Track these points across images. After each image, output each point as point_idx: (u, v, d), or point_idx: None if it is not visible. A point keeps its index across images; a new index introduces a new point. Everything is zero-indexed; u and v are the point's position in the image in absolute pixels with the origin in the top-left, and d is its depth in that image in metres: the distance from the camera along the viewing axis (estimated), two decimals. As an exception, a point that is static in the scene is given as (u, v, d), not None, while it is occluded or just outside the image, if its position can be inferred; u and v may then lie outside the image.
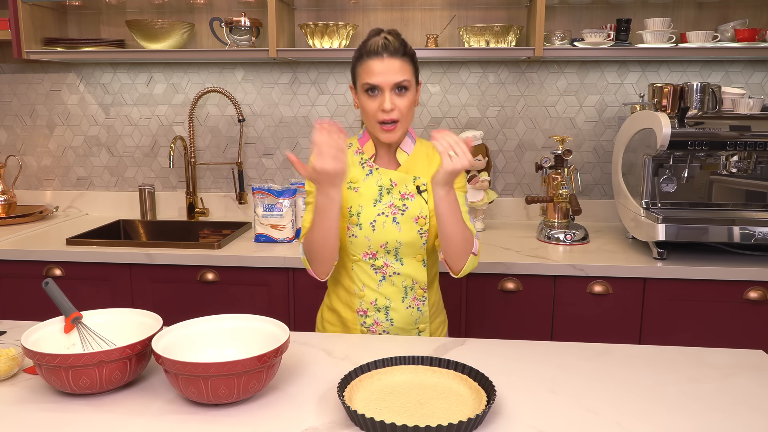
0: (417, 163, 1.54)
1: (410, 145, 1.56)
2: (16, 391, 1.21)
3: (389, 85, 1.43)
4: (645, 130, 2.14)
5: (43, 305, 2.26)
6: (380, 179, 1.52)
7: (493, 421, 1.09)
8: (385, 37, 1.43)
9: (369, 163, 1.54)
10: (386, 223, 1.49)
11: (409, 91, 1.45)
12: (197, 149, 2.78)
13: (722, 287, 2.01)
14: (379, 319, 1.55)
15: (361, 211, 1.50)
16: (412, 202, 1.50)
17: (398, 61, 1.42)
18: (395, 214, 1.50)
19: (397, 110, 1.44)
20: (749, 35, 2.26)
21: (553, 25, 2.54)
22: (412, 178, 1.52)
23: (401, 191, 1.51)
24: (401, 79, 1.42)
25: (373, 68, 1.42)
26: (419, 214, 1.50)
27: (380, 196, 1.51)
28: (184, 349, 1.23)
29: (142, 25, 2.48)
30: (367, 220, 1.50)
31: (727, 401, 1.17)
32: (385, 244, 1.51)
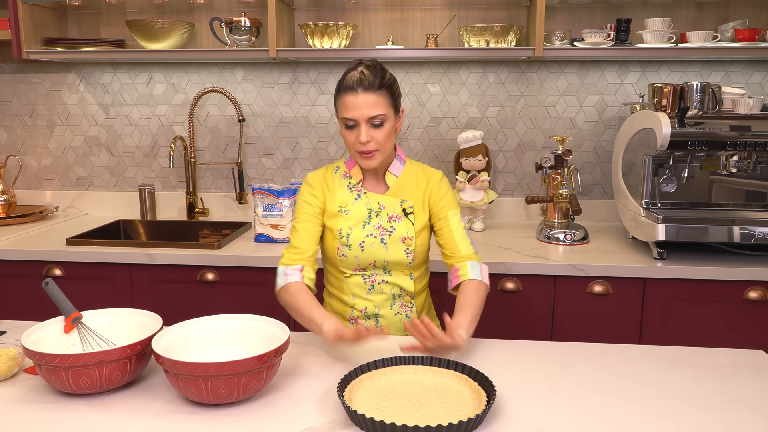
0: (405, 186, 1.60)
1: (399, 167, 1.60)
2: (16, 391, 1.21)
3: (364, 119, 1.46)
4: (645, 130, 2.14)
5: (43, 305, 2.26)
6: (369, 202, 1.58)
7: (493, 421, 1.09)
8: (361, 71, 1.46)
9: (357, 188, 1.59)
10: (374, 243, 1.55)
11: (386, 123, 1.48)
12: (197, 149, 2.78)
13: (722, 287, 2.01)
14: (368, 325, 1.61)
15: (351, 233, 1.56)
16: (399, 224, 1.56)
17: (373, 95, 1.45)
18: (383, 236, 1.55)
19: (373, 142, 1.48)
20: (749, 35, 2.26)
21: (553, 25, 2.54)
22: (400, 201, 1.57)
23: (389, 213, 1.57)
24: (375, 113, 1.46)
25: (349, 103, 1.47)
26: (405, 235, 1.56)
27: (369, 218, 1.57)
28: (184, 349, 1.23)
29: (142, 25, 2.48)
30: (357, 241, 1.56)
31: (727, 401, 1.17)
32: (374, 263, 1.57)
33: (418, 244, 1.56)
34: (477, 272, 1.53)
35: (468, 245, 1.58)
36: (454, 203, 1.61)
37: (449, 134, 2.68)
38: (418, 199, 1.59)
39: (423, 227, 1.58)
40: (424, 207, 1.59)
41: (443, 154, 2.70)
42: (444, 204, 1.59)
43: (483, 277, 1.53)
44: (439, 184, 1.60)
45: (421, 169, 1.63)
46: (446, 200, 1.59)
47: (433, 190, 1.59)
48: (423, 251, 1.59)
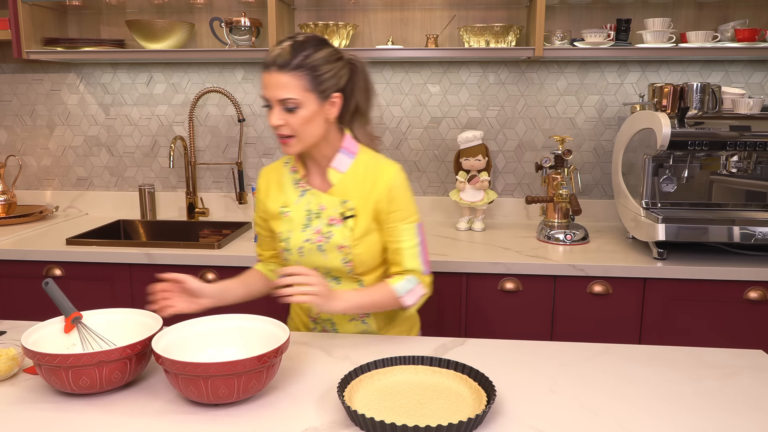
0: (351, 184, 1.43)
1: (346, 162, 1.44)
2: (16, 391, 1.21)
3: (275, 100, 1.34)
4: (645, 130, 2.14)
5: (43, 305, 2.26)
6: (310, 202, 1.45)
7: (493, 421, 1.09)
8: (283, 47, 1.34)
9: (302, 184, 1.48)
10: (312, 249, 1.45)
11: (302, 108, 1.33)
12: (197, 149, 2.78)
13: (722, 287, 2.01)
14: (325, 327, 1.56)
15: (290, 237, 1.47)
16: (337, 229, 1.43)
17: (285, 76, 1.31)
18: (320, 242, 1.44)
19: (288, 126, 1.35)
20: (749, 35, 2.26)
21: (553, 25, 2.54)
22: (341, 202, 1.43)
23: (330, 215, 1.44)
24: (285, 96, 1.32)
25: (263, 81, 1.35)
26: (341, 243, 1.42)
27: (309, 221, 1.45)
28: (184, 349, 1.23)
29: (142, 25, 2.48)
30: (295, 246, 1.46)
31: (727, 401, 1.17)
32: (316, 269, 1.46)
33: (359, 253, 1.42)
34: (403, 287, 1.42)
35: (416, 260, 1.44)
36: (407, 213, 1.44)
37: (449, 134, 2.68)
38: (363, 200, 1.42)
39: (365, 233, 1.43)
40: (367, 211, 1.42)
41: (443, 154, 2.70)
42: (394, 217, 1.43)
43: (406, 294, 1.42)
44: (388, 190, 1.41)
45: (373, 164, 1.44)
46: (397, 213, 1.42)
47: (380, 197, 1.41)
48: (369, 258, 1.45)
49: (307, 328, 1.61)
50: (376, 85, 2.66)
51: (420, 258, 1.45)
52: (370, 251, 1.45)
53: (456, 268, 2.07)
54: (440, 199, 2.71)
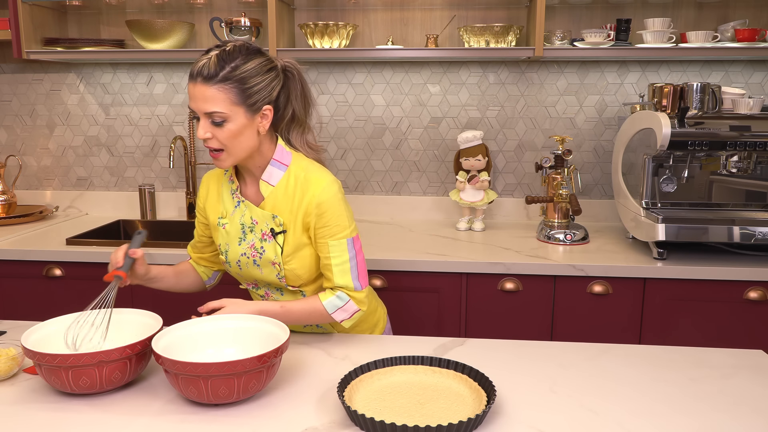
0: (281, 198, 1.39)
1: (277, 174, 1.39)
2: (16, 391, 1.21)
3: (201, 112, 1.29)
4: (645, 130, 2.14)
5: (43, 305, 2.26)
6: (243, 215, 1.42)
7: (493, 421, 1.09)
8: (209, 57, 1.28)
9: (237, 195, 1.44)
10: (249, 264, 1.43)
11: (230, 122, 1.28)
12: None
13: (722, 287, 2.01)
14: None
15: (228, 249, 1.45)
16: (269, 245, 1.39)
17: (211, 89, 1.26)
18: (255, 257, 1.41)
19: (215, 140, 1.30)
20: (749, 35, 2.26)
21: (553, 25, 2.54)
22: (271, 217, 1.39)
23: (262, 230, 1.40)
24: (212, 110, 1.27)
25: (189, 92, 1.30)
26: (273, 259, 1.39)
27: (243, 234, 1.42)
28: (184, 349, 1.23)
29: (142, 25, 2.48)
30: (233, 259, 1.45)
31: (727, 401, 1.17)
32: (256, 281, 1.48)
33: (292, 268, 1.39)
34: (332, 304, 1.39)
35: (346, 276, 1.38)
36: (337, 229, 1.37)
37: (449, 134, 2.68)
38: (293, 215, 1.38)
39: (297, 248, 1.39)
40: (297, 226, 1.38)
41: (443, 154, 2.70)
42: (323, 233, 1.37)
43: (336, 311, 1.39)
44: (316, 206, 1.36)
45: (303, 177, 1.38)
46: (325, 228, 1.37)
47: (308, 211, 1.37)
48: (304, 272, 1.41)
49: None
50: (376, 85, 2.66)
51: (351, 274, 1.39)
52: (304, 265, 1.41)
53: (456, 268, 2.07)
54: (440, 199, 2.71)
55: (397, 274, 2.11)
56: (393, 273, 2.11)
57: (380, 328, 1.65)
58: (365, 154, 2.73)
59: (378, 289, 2.12)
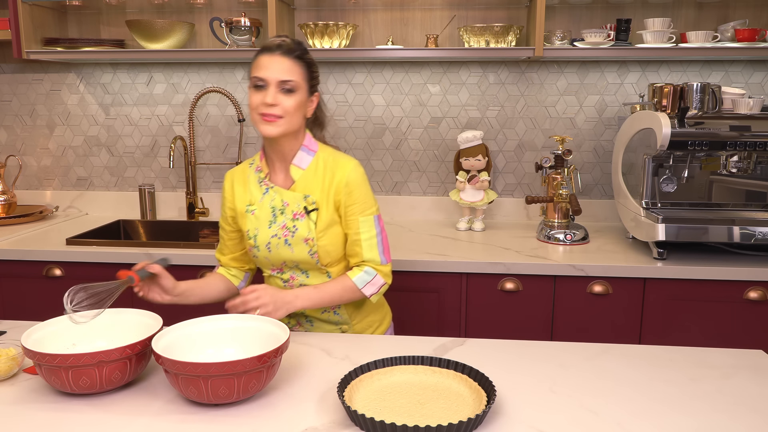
0: (311, 180, 1.50)
1: (306, 159, 1.51)
2: (16, 391, 1.21)
3: (275, 80, 1.41)
4: (645, 130, 2.14)
5: (43, 305, 2.26)
6: (273, 199, 1.51)
7: (493, 421, 1.09)
8: (284, 39, 1.46)
9: (266, 182, 1.53)
10: (279, 244, 1.50)
11: (296, 93, 1.43)
12: (197, 149, 2.78)
13: (722, 287, 2.01)
14: (300, 320, 1.61)
15: (258, 233, 1.52)
16: (302, 223, 1.48)
17: (288, 60, 1.43)
18: (286, 236, 1.49)
19: (280, 107, 1.42)
20: (749, 35, 2.26)
21: (553, 25, 2.54)
22: (303, 197, 1.49)
23: (293, 210, 1.49)
24: (287, 78, 1.41)
25: (263, 63, 1.43)
26: (307, 236, 1.48)
27: (274, 217, 1.51)
28: (184, 349, 1.23)
29: (142, 25, 2.48)
30: (263, 242, 1.52)
31: (727, 401, 1.17)
32: (284, 263, 1.54)
33: (323, 244, 1.48)
34: (362, 279, 1.49)
35: (373, 250, 1.50)
36: (365, 206, 1.50)
37: (449, 134, 2.68)
38: (324, 194, 1.49)
39: (328, 225, 1.49)
40: (329, 204, 1.49)
41: (443, 154, 2.70)
42: (352, 210, 1.49)
43: (365, 286, 1.49)
44: (345, 184, 1.48)
45: (332, 160, 1.51)
46: (354, 206, 1.49)
47: (338, 190, 1.48)
48: (334, 249, 1.51)
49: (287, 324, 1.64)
50: (376, 85, 2.67)
51: (378, 248, 1.51)
52: (334, 242, 1.50)
53: (456, 268, 2.07)
54: (440, 199, 2.71)
55: (397, 274, 2.11)
56: (393, 273, 2.10)
57: (386, 324, 1.71)
58: (365, 154, 2.73)
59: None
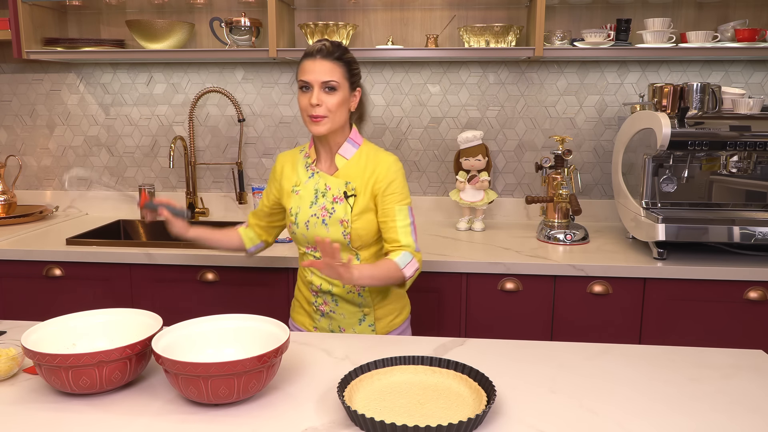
0: (354, 169, 1.65)
1: (351, 150, 1.66)
2: (16, 391, 1.21)
3: (318, 82, 1.56)
4: (645, 130, 2.14)
5: (43, 305, 2.26)
6: (317, 183, 1.66)
7: (493, 421, 1.09)
8: (323, 43, 1.58)
9: (312, 167, 1.69)
10: (317, 223, 1.64)
11: (338, 91, 1.57)
12: (197, 149, 2.78)
13: (722, 287, 2.01)
14: (326, 299, 1.71)
15: (299, 212, 1.67)
16: (340, 206, 1.62)
17: (329, 62, 1.56)
18: (324, 216, 1.63)
19: (324, 107, 1.56)
20: (749, 35, 2.26)
21: (553, 25, 2.54)
22: (345, 183, 1.63)
23: (334, 194, 1.64)
24: (328, 78, 1.56)
25: (306, 67, 1.58)
26: (343, 217, 1.61)
27: (316, 198, 1.65)
28: (184, 349, 1.23)
29: (142, 25, 2.48)
30: (303, 220, 1.66)
31: (727, 401, 1.17)
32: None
33: (356, 227, 1.61)
34: (403, 260, 1.58)
35: (409, 237, 1.61)
36: (402, 196, 1.63)
37: (449, 134, 2.68)
38: (363, 183, 1.62)
39: (363, 211, 1.62)
40: (367, 192, 1.62)
41: (443, 154, 2.70)
42: (390, 199, 1.61)
43: (405, 267, 1.57)
44: (385, 175, 1.61)
45: (374, 154, 1.66)
46: (393, 195, 1.62)
47: (378, 179, 1.62)
48: (365, 234, 1.63)
49: (308, 302, 1.74)
50: (376, 85, 2.67)
51: (412, 236, 1.62)
52: (366, 227, 1.63)
53: (456, 268, 2.07)
54: (440, 199, 2.71)
55: (397, 274, 2.11)
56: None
57: (405, 314, 1.79)
58: (365, 154, 2.73)
59: (378, 289, 2.13)
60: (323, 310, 1.71)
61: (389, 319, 1.73)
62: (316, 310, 1.73)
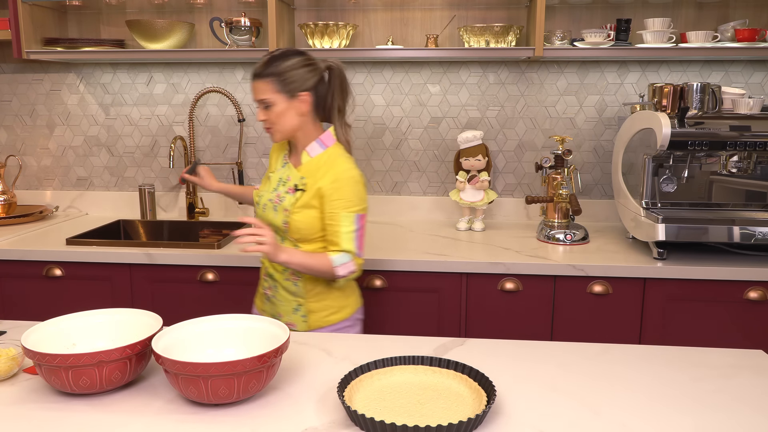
0: (313, 167, 1.73)
1: (317, 150, 1.75)
2: (16, 391, 1.21)
3: (257, 101, 1.71)
4: (645, 130, 2.14)
5: (43, 305, 2.26)
6: (284, 173, 1.78)
7: (493, 421, 1.09)
8: (260, 61, 1.69)
9: (286, 158, 1.81)
10: (269, 207, 1.76)
11: (274, 105, 1.68)
12: (197, 149, 2.78)
13: (722, 287, 2.01)
14: (271, 284, 1.80)
15: (263, 195, 1.81)
16: (289, 196, 1.73)
17: (260, 83, 1.68)
18: (276, 203, 1.75)
19: (267, 121, 1.71)
20: (749, 35, 2.26)
21: (553, 25, 2.54)
22: (300, 177, 1.73)
23: (289, 186, 1.75)
24: (261, 97, 1.69)
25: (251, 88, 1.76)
26: (287, 207, 1.72)
27: (278, 186, 1.77)
28: (184, 349, 1.23)
29: (142, 25, 2.48)
30: (262, 202, 1.80)
31: (727, 401, 1.17)
32: (269, 224, 1.76)
33: (295, 219, 1.70)
34: (339, 260, 1.66)
35: (350, 243, 1.67)
36: (349, 203, 1.67)
37: (449, 134, 2.68)
38: (314, 181, 1.70)
39: (305, 206, 1.70)
40: (313, 190, 1.69)
41: (443, 154, 2.70)
42: (337, 204, 1.67)
43: (339, 266, 1.66)
44: (334, 180, 1.68)
45: (334, 159, 1.72)
46: (340, 201, 1.67)
47: (326, 182, 1.68)
48: (304, 228, 1.71)
49: (261, 285, 1.87)
50: (376, 85, 2.67)
51: (355, 242, 1.69)
52: (306, 221, 1.70)
53: (456, 268, 2.07)
54: (440, 199, 2.71)
55: (397, 274, 2.11)
56: (393, 273, 2.11)
57: (343, 315, 1.80)
58: (365, 154, 2.73)
59: (378, 289, 2.12)
60: (268, 294, 1.82)
61: (323, 315, 1.77)
62: (263, 293, 1.85)
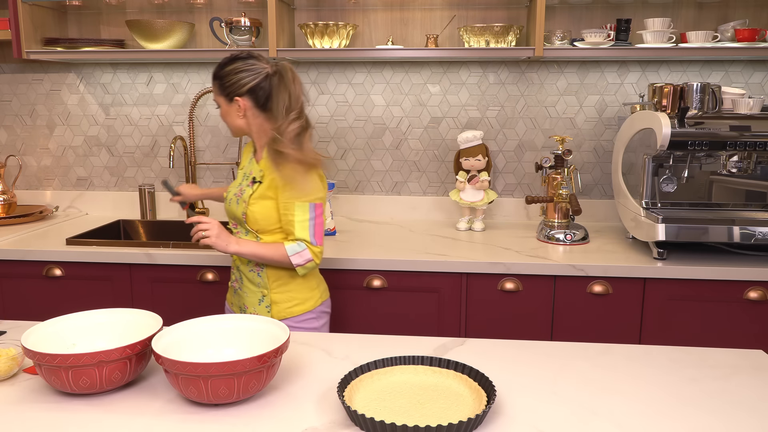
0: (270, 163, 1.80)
1: None
2: (16, 391, 1.21)
3: None
4: (645, 130, 2.14)
5: (43, 305, 2.26)
6: (248, 168, 1.85)
7: (493, 421, 1.09)
8: None
9: (253, 154, 1.88)
10: (233, 200, 1.82)
11: (221, 107, 1.78)
12: (197, 149, 2.78)
13: (722, 287, 2.01)
14: (237, 276, 1.85)
15: (231, 190, 1.87)
16: (249, 188, 1.79)
17: (213, 84, 1.77)
18: (239, 196, 1.80)
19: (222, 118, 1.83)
20: (749, 35, 2.26)
21: (553, 25, 2.54)
22: (259, 170, 1.79)
23: (250, 179, 1.81)
24: (214, 98, 1.80)
25: None
26: (246, 198, 1.78)
27: (243, 179, 1.83)
28: (184, 349, 1.23)
29: (142, 25, 2.48)
30: (229, 197, 1.85)
31: (727, 401, 1.17)
32: (234, 217, 1.83)
33: (253, 210, 1.75)
34: (293, 249, 1.70)
35: (305, 231, 1.71)
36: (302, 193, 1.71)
37: (449, 134, 2.68)
38: (271, 175, 1.74)
39: (261, 197, 1.74)
40: (267, 182, 1.74)
41: (443, 154, 2.70)
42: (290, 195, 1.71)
43: (294, 255, 1.70)
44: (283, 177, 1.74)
45: None
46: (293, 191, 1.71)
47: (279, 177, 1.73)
48: (261, 218, 1.75)
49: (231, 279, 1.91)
50: (376, 85, 2.67)
51: (309, 231, 1.72)
52: (263, 212, 1.75)
53: (456, 268, 2.07)
54: (440, 199, 2.71)
55: (397, 274, 2.11)
56: (393, 273, 2.11)
57: (308, 307, 1.82)
58: (365, 154, 2.73)
59: (378, 289, 2.12)
60: (235, 286, 1.86)
61: (286, 306, 1.79)
62: (231, 286, 1.89)
